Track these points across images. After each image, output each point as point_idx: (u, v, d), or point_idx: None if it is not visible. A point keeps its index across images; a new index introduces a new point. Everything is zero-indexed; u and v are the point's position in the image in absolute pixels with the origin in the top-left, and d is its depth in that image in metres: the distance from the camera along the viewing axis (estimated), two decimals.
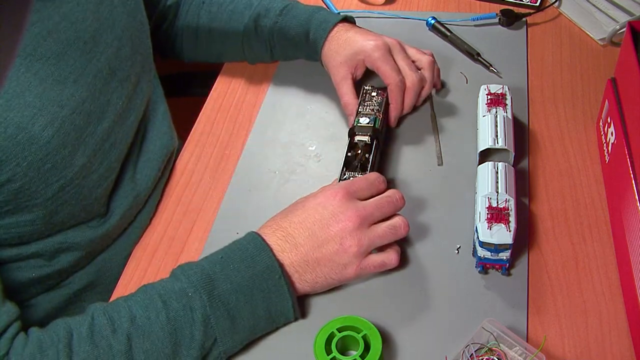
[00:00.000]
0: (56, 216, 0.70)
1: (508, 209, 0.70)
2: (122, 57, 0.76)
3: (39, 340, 0.60)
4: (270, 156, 0.87)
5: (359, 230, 0.67)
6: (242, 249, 0.66)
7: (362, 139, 0.81)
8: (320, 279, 0.67)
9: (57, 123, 0.66)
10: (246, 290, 0.64)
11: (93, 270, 0.79)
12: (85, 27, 0.70)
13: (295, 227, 0.68)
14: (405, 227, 0.69)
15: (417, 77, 0.86)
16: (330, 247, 0.66)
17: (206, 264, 0.65)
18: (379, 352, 0.63)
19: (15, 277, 0.72)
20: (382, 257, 0.68)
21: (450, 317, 0.69)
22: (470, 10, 1.07)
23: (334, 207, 0.68)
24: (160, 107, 0.87)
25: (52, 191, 0.67)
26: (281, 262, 0.66)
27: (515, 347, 0.62)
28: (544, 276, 0.71)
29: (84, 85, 0.69)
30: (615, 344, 0.65)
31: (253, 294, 0.64)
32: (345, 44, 0.87)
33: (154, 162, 0.82)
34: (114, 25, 0.75)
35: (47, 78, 0.66)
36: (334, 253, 0.66)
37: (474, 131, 0.85)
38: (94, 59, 0.71)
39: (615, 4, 1.01)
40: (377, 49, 0.84)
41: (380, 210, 0.69)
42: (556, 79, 0.94)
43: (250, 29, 0.92)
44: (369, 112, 0.84)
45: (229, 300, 0.63)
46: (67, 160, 0.68)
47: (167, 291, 0.63)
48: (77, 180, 0.69)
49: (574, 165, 0.82)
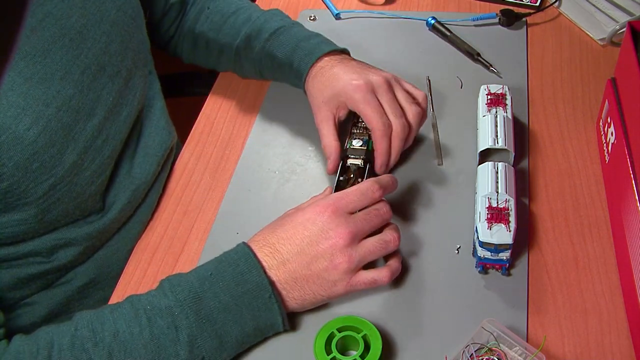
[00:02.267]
0: (49, 214, 0.70)
1: (508, 209, 0.70)
2: (111, 52, 0.75)
3: (17, 351, 0.60)
4: (270, 156, 0.87)
5: (349, 247, 0.65)
6: (232, 264, 0.64)
7: (355, 162, 0.78)
8: (309, 295, 0.66)
9: (43, 122, 0.66)
10: (235, 309, 0.63)
11: (94, 267, 0.78)
12: (71, 23, 0.70)
13: (283, 244, 0.66)
14: (396, 242, 0.67)
15: (402, 122, 0.77)
16: (320, 264, 0.65)
17: (195, 280, 0.64)
18: (379, 352, 0.63)
19: (14, 275, 0.72)
20: (373, 274, 0.66)
21: (450, 317, 0.69)
22: (470, 10, 1.07)
23: (323, 222, 0.65)
24: (158, 103, 0.87)
25: (43, 190, 0.67)
26: (271, 279, 0.64)
27: (515, 347, 0.62)
28: (544, 276, 0.71)
29: (71, 82, 0.69)
30: (615, 344, 0.65)
31: (242, 313, 0.63)
32: (328, 82, 0.80)
33: (152, 158, 0.82)
34: (102, 20, 0.74)
35: (32, 76, 0.66)
36: (323, 270, 0.65)
37: (474, 131, 0.85)
38: (81, 55, 0.71)
39: (615, 4, 1.01)
40: (359, 90, 0.77)
41: (369, 224, 0.67)
42: (556, 79, 0.94)
43: (241, 47, 0.90)
44: (362, 134, 0.81)
45: (216, 319, 0.62)
46: (56, 159, 0.67)
47: (153, 307, 0.62)
48: (68, 178, 0.69)
49: (574, 165, 0.82)
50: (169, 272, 0.76)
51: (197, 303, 0.62)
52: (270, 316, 0.64)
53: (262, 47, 0.87)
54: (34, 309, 0.76)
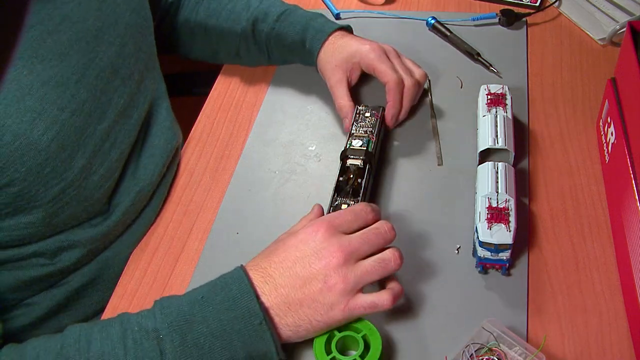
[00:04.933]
0: (57, 218, 0.70)
1: (508, 209, 0.70)
2: (125, 54, 0.75)
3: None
4: (270, 156, 0.87)
5: (344, 267, 0.61)
6: (225, 288, 0.62)
7: (355, 163, 0.77)
8: (304, 322, 0.62)
9: (57, 126, 0.66)
10: (223, 335, 0.59)
11: (95, 268, 0.78)
12: (87, 26, 0.70)
13: (276, 268, 0.63)
14: (397, 261, 0.63)
15: (413, 80, 0.86)
16: (313, 286, 0.61)
17: (186, 303, 0.61)
18: (379, 352, 0.62)
19: (16, 276, 0.72)
20: (373, 297, 0.62)
21: (450, 317, 0.69)
22: (470, 10, 1.07)
23: (316, 243, 0.62)
24: (164, 103, 0.87)
25: (53, 194, 0.67)
26: (264, 306, 0.61)
27: (515, 347, 0.62)
28: (544, 276, 0.71)
29: (86, 85, 0.69)
30: (615, 344, 0.65)
31: (232, 340, 0.60)
32: (341, 48, 0.87)
33: (157, 158, 0.82)
34: (117, 23, 0.75)
35: (49, 80, 0.66)
36: (318, 292, 0.61)
37: (474, 131, 0.85)
38: (96, 58, 0.71)
39: (615, 4, 1.01)
40: (373, 50, 0.85)
41: (367, 243, 0.63)
42: (556, 79, 0.94)
43: (248, 32, 0.92)
44: (362, 134, 0.81)
45: (203, 344, 0.59)
46: (66, 163, 0.67)
47: (141, 328, 0.60)
48: (77, 182, 0.69)
49: (574, 165, 0.82)
50: (169, 272, 0.76)
51: (185, 327, 0.59)
52: (262, 344, 0.60)
53: (271, 29, 0.91)
54: (33, 309, 0.76)
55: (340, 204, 0.73)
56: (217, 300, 0.61)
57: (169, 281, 0.75)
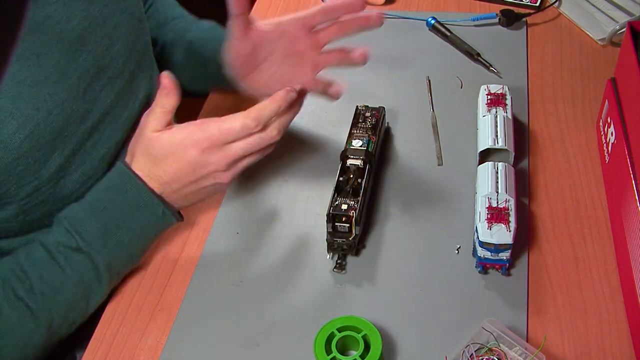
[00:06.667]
0: (31, 215, 0.70)
1: (508, 209, 0.70)
2: (113, 54, 0.75)
3: None
4: (270, 156, 0.87)
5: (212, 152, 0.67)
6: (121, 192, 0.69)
7: (355, 163, 0.77)
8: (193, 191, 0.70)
9: (31, 126, 0.65)
10: (138, 231, 0.69)
11: None
12: (71, 26, 0.70)
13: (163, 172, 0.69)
14: (274, 131, 0.68)
15: None
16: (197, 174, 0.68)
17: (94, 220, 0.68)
18: (379, 352, 0.63)
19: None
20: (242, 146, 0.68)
21: (450, 317, 0.69)
22: (470, 10, 1.07)
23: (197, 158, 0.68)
24: None
25: (26, 192, 0.67)
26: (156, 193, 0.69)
27: (515, 347, 0.62)
28: (544, 276, 0.71)
29: (65, 85, 0.69)
30: (615, 344, 0.65)
31: (143, 230, 0.70)
32: None
33: None
34: (105, 23, 0.74)
35: (24, 79, 0.65)
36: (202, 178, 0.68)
37: (474, 131, 0.85)
38: (80, 58, 0.70)
39: (615, 4, 1.01)
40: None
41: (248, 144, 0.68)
42: (556, 79, 0.94)
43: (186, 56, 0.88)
44: (362, 134, 0.81)
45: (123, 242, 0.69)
46: (41, 162, 0.67)
47: (66, 247, 0.67)
48: (54, 180, 0.69)
49: (574, 165, 0.82)
50: (169, 272, 0.76)
51: (104, 238, 0.67)
52: (165, 223, 0.71)
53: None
54: None
55: (340, 204, 0.73)
56: (119, 206, 0.68)
57: (169, 281, 0.75)
